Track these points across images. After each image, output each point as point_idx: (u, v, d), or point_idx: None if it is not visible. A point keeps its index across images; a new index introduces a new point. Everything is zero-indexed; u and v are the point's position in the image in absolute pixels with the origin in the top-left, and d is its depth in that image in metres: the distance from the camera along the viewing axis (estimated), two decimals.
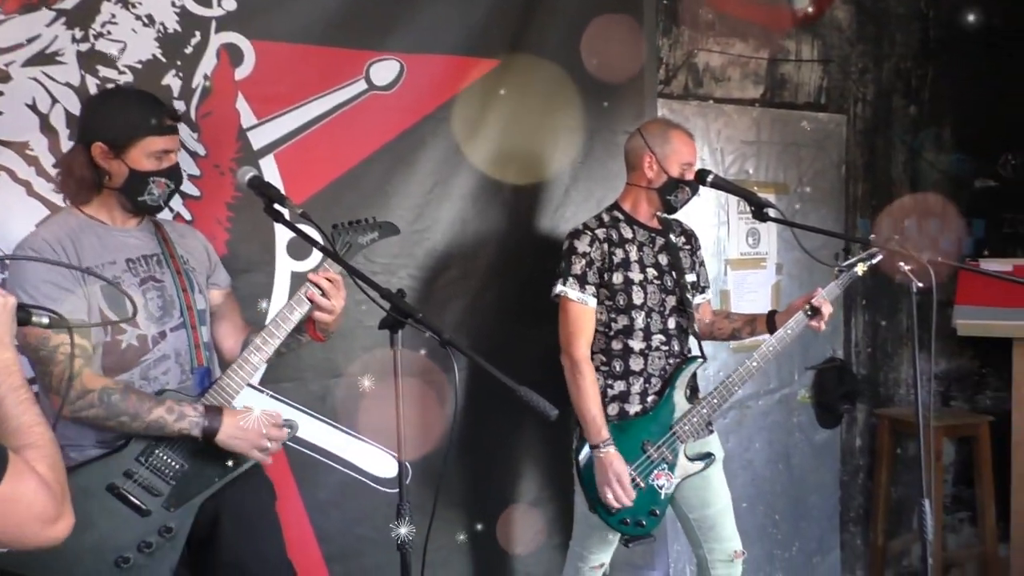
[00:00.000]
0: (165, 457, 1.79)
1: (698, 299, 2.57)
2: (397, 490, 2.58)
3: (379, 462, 2.64)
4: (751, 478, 3.29)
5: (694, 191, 2.43)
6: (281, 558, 1.98)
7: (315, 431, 2.55)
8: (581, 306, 2.34)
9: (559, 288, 2.36)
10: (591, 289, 2.35)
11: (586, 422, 2.29)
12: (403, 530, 1.70)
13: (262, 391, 2.45)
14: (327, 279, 1.84)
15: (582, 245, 2.36)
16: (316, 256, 2.53)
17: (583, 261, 2.35)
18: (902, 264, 2.17)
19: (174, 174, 1.90)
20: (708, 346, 3.10)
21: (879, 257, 2.31)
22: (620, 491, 2.24)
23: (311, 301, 1.86)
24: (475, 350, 1.65)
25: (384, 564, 2.61)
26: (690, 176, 2.40)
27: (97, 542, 1.68)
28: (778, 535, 3.34)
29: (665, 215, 2.46)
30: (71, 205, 1.88)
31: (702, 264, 2.59)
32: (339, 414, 2.60)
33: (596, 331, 2.40)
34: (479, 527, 2.81)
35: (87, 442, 1.77)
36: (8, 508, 1.04)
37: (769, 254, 3.32)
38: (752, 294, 3.29)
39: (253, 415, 1.80)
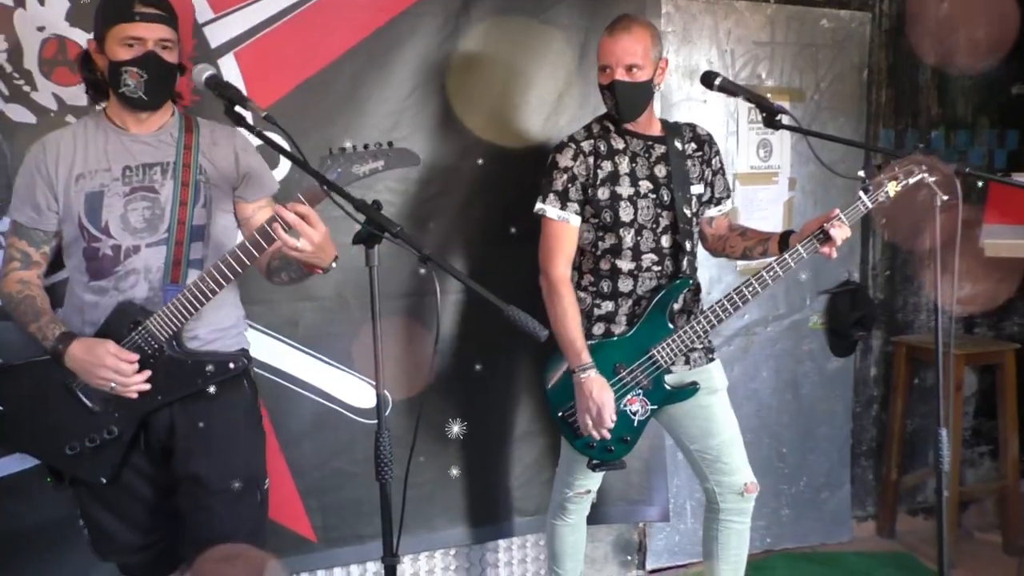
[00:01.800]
0: None
1: (713, 211, 2.57)
2: (375, 421, 2.69)
3: (356, 392, 2.71)
4: (756, 409, 3.37)
5: (612, 98, 2.33)
6: (246, 476, 2.09)
7: (286, 358, 2.61)
8: (562, 224, 2.37)
9: (538, 205, 2.39)
10: (573, 207, 2.37)
11: (565, 346, 2.35)
12: (383, 463, 1.74)
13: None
14: (296, 213, 1.80)
15: (564, 159, 2.38)
16: (284, 167, 2.54)
17: (564, 176, 2.37)
18: (926, 175, 2.19)
19: (147, 62, 1.94)
20: (714, 267, 3.17)
21: (918, 176, 2.26)
22: (592, 424, 2.31)
23: (277, 236, 1.84)
24: (458, 271, 1.68)
25: (363, 499, 2.72)
26: (604, 80, 2.34)
27: (53, 427, 2.00)
28: (785, 469, 3.44)
29: (673, 121, 2.45)
30: (100, 108, 2.09)
31: (720, 172, 2.56)
32: (312, 340, 2.65)
33: (584, 250, 2.44)
34: (466, 462, 2.90)
35: (76, 325, 2.01)
36: None
37: (781, 168, 3.33)
38: (762, 212, 3.31)
39: (103, 348, 1.92)
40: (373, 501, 2.63)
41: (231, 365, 2.05)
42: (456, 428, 2.87)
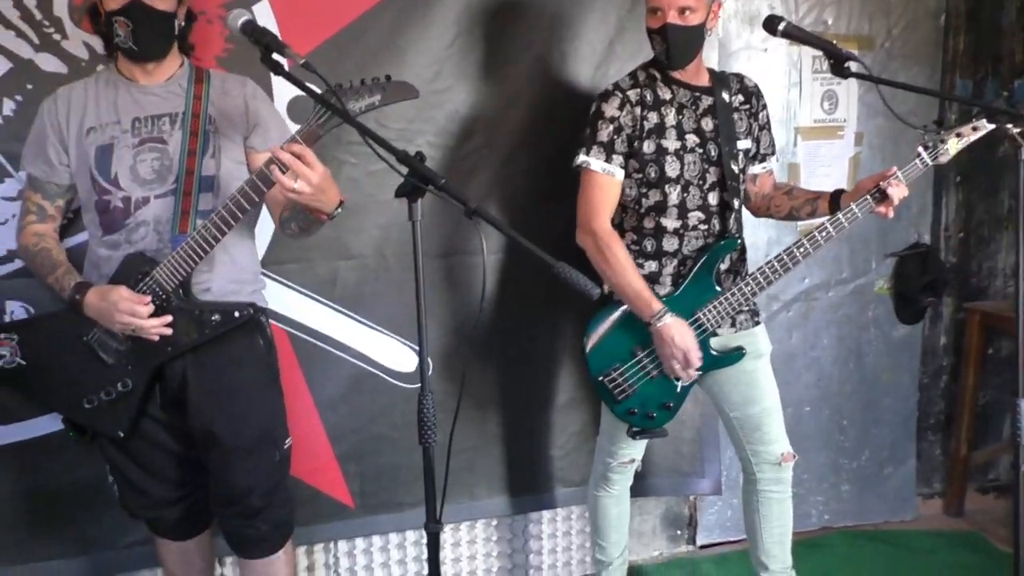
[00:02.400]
0: None
1: (757, 168, 2.54)
2: (414, 385, 2.73)
3: (396, 354, 2.72)
4: (816, 378, 3.33)
5: (663, 42, 2.28)
6: (261, 434, 2.16)
7: (323, 319, 2.62)
8: (606, 178, 2.34)
9: (581, 158, 2.35)
10: (618, 159, 2.34)
11: (632, 298, 2.31)
12: (426, 425, 1.74)
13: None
14: (291, 152, 1.80)
15: (610, 108, 2.33)
16: None
17: (611, 127, 2.33)
18: (1010, 126, 2.11)
19: (132, 11, 1.97)
20: (772, 228, 3.12)
21: (983, 131, 2.20)
22: (682, 369, 2.29)
23: (275, 178, 1.85)
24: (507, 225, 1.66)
25: (402, 465, 2.74)
26: (653, 23, 2.28)
27: (72, 381, 2.09)
28: (845, 442, 3.40)
29: (720, 71, 2.40)
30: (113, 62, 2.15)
31: (766, 127, 2.53)
32: (350, 300, 2.66)
33: (627, 207, 2.41)
34: (509, 428, 2.91)
35: (94, 282, 2.07)
36: None
37: (848, 121, 3.24)
38: (825, 168, 3.24)
39: (116, 293, 1.98)
40: (413, 467, 2.71)
41: (236, 314, 2.08)
42: (499, 393, 2.87)
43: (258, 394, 2.17)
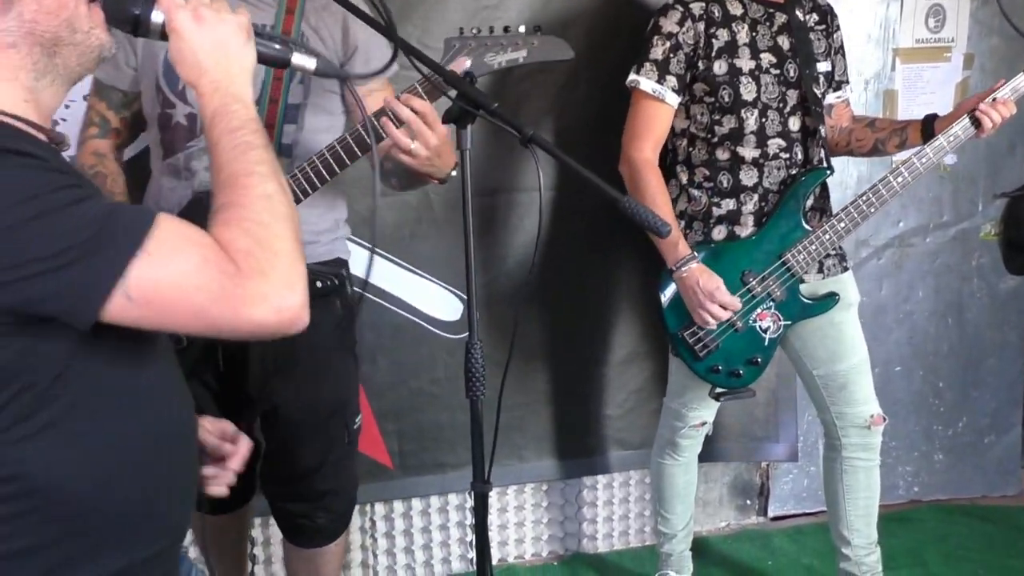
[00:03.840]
0: None
1: (832, 97, 2.51)
2: (458, 336, 2.74)
3: (439, 301, 2.73)
4: (909, 335, 3.28)
5: None
6: (331, 409, 2.11)
7: (360, 263, 2.62)
8: (655, 102, 2.32)
9: (632, 76, 2.33)
10: (671, 81, 2.31)
11: (659, 240, 2.28)
12: (474, 377, 1.74)
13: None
14: (411, 108, 1.73)
15: (668, 23, 2.30)
16: None
17: (667, 44, 2.30)
18: None
19: None
20: (864, 163, 3.05)
21: None
22: (719, 311, 2.26)
23: (387, 133, 1.78)
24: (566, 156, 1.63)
25: (445, 423, 2.78)
26: None
27: None
28: (941, 408, 3.36)
29: None
30: None
31: (840, 51, 2.50)
32: (389, 242, 2.67)
33: (697, 138, 2.38)
34: (562, 385, 2.92)
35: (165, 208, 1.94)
36: (167, 293, 1.01)
37: (956, 41, 3.14)
38: (928, 96, 3.15)
39: None
40: (455, 426, 2.74)
41: (318, 284, 1.98)
42: (550, 346, 2.88)
43: (329, 364, 2.09)
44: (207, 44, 1.18)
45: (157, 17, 1.20)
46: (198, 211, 1.84)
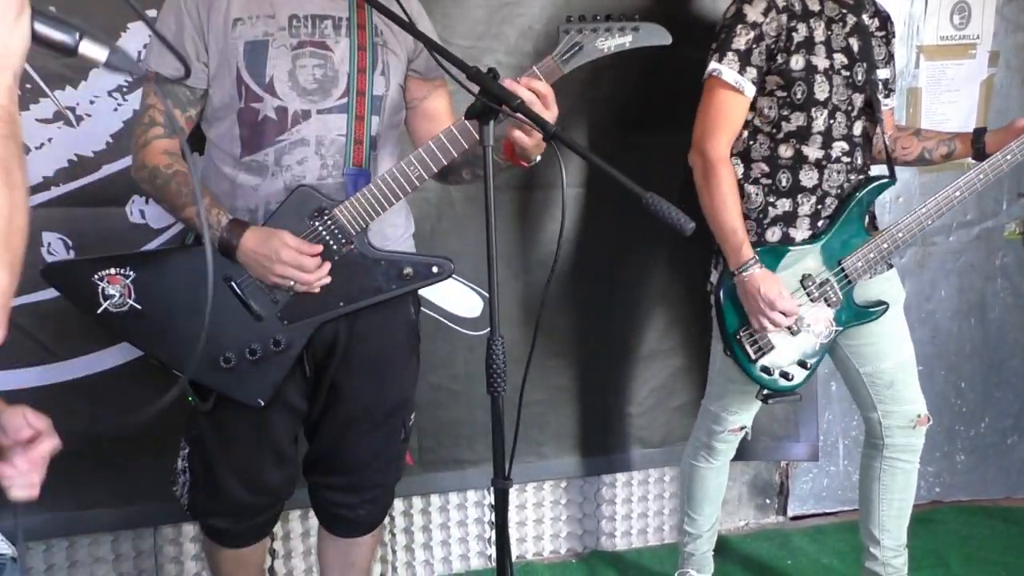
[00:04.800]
0: None
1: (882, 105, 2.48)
2: (479, 333, 2.74)
3: (459, 298, 2.73)
4: (932, 335, 3.26)
5: None
6: (396, 406, 2.11)
7: None
8: (734, 94, 2.26)
9: (712, 65, 2.27)
10: (751, 73, 2.26)
11: (724, 238, 2.27)
12: (495, 373, 1.73)
13: None
14: (532, 90, 1.72)
15: (754, 12, 2.24)
16: None
17: (751, 34, 2.24)
18: None
19: None
20: (904, 170, 3.00)
21: None
22: (777, 315, 2.23)
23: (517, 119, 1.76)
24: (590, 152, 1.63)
25: (464, 420, 2.78)
26: None
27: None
28: (963, 408, 3.34)
29: None
30: None
31: (892, 60, 2.48)
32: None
33: (760, 132, 2.35)
34: (582, 382, 2.91)
35: (227, 206, 1.92)
36: None
37: (982, 38, 3.11)
38: (952, 93, 3.12)
39: (278, 239, 1.84)
40: (475, 423, 2.74)
41: (434, 269, 1.98)
42: (572, 343, 2.87)
43: (402, 363, 2.10)
44: None
45: None
46: (296, 205, 1.87)
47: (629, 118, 2.70)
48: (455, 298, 2.72)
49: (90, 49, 1.11)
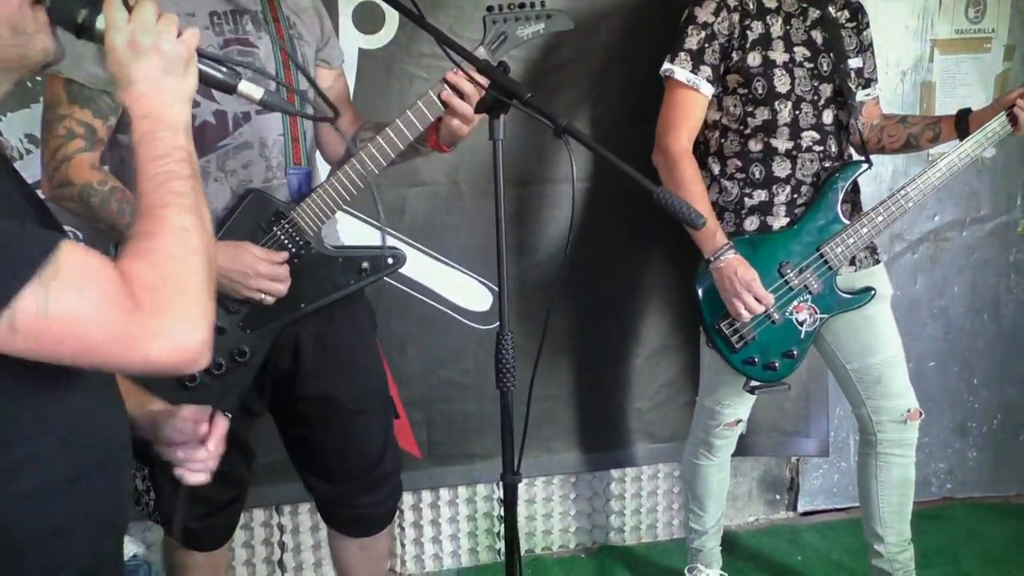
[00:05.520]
0: None
1: (861, 95, 2.49)
2: (488, 327, 2.74)
3: (468, 292, 2.73)
4: (944, 331, 3.24)
5: None
6: (379, 394, 2.11)
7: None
8: (690, 91, 2.31)
9: (666, 65, 2.33)
10: (706, 71, 2.30)
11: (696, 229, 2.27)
12: (504, 368, 1.73)
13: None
14: (470, 81, 1.75)
15: (704, 13, 2.30)
16: (389, 30, 2.52)
17: (702, 34, 2.30)
18: None
19: None
20: (900, 157, 3.01)
21: None
22: (753, 302, 2.24)
23: (445, 105, 1.82)
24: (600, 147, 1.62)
25: (473, 414, 2.78)
26: None
27: None
28: (975, 404, 3.32)
29: None
30: None
31: (870, 49, 2.50)
32: (419, 232, 2.67)
33: (729, 129, 2.38)
34: (592, 377, 2.91)
35: None
36: (58, 328, 0.94)
37: (997, 31, 3.09)
38: (966, 88, 3.10)
39: (248, 252, 1.82)
40: (484, 417, 2.74)
41: (390, 260, 1.99)
42: (580, 338, 2.86)
43: (373, 350, 2.12)
44: (141, 72, 1.11)
45: (101, 24, 1.13)
46: (250, 211, 1.83)
47: (636, 112, 2.68)
48: (464, 291, 2.73)
49: (247, 88, 1.25)
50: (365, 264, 1.96)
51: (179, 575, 2.16)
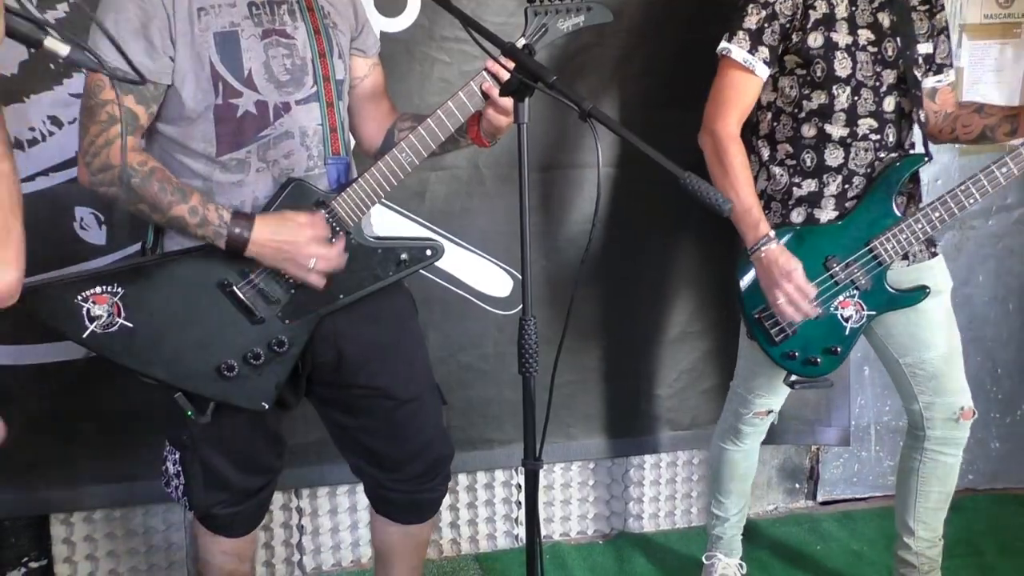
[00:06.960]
0: None
1: (933, 81, 2.40)
2: (509, 312, 2.73)
3: (489, 277, 2.72)
4: (968, 320, 3.20)
5: None
6: (427, 380, 2.11)
7: (409, 235, 2.63)
8: (745, 73, 2.24)
9: (723, 44, 2.26)
10: (763, 53, 2.23)
11: (739, 217, 2.23)
12: (527, 353, 1.71)
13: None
14: (509, 69, 1.72)
15: None
16: (411, 13, 2.50)
17: (763, 13, 2.22)
18: None
19: None
20: (946, 150, 2.97)
21: None
22: (795, 292, 2.18)
23: (486, 96, 1.82)
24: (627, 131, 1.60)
25: (493, 400, 2.77)
26: None
27: (200, 342, 1.83)
28: (999, 394, 3.29)
29: None
30: None
31: (944, 32, 2.39)
32: (440, 216, 2.66)
33: (783, 112, 2.32)
34: (612, 363, 2.90)
35: None
36: None
37: None
38: (994, 74, 3.07)
39: (295, 223, 1.80)
40: (503, 402, 2.73)
41: (428, 252, 1.99)
42: (601, 324, 2.85)
43: (418, 337, 2.12)
44: None
45: None
46: (292, 200, 1.83)
47: (660, 96, 2.67)
48: (484, 277, 2.71)
49: (53, 44, 1.23)
50: (404, 256, 1.95)
51: (205, 559, 2.16)
